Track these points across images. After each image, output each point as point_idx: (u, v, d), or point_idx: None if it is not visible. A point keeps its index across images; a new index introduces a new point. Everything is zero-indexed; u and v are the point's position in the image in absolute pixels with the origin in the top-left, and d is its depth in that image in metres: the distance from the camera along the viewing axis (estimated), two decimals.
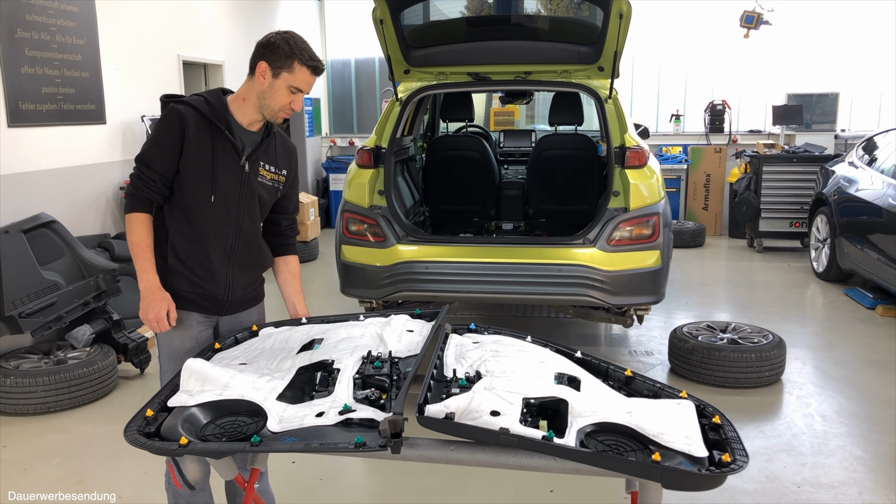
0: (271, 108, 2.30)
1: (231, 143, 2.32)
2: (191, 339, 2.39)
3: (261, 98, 2.29)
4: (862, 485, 3.30)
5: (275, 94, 2.27)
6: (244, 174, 2.35)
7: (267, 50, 2.25)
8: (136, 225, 2.30)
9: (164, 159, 2.28)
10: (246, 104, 2.33)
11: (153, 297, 2.27)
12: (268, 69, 2.25)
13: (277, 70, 2.25)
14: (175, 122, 2.27)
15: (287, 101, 2.30)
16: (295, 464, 3.48)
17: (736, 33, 9.30)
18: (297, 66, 2.25)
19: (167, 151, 2.28)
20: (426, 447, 1.76)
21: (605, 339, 5.47)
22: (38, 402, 4.08)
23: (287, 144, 2.54)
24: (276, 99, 2.28)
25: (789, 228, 8.18)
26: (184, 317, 2.37)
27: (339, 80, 11.10)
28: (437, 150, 6.02)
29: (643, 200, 4.23)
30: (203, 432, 1.85)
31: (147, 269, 2.30)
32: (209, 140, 2.30)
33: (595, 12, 4.57)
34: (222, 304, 2.44)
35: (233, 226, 2.37)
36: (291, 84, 2.27)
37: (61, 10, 5.22)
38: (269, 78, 2.26)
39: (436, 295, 4.37)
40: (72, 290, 4.54)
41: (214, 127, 2.30)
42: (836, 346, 5.16)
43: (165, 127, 2.29)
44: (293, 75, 2.26)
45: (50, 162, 5.17)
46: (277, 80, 2.26)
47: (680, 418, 1.79)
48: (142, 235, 2.30)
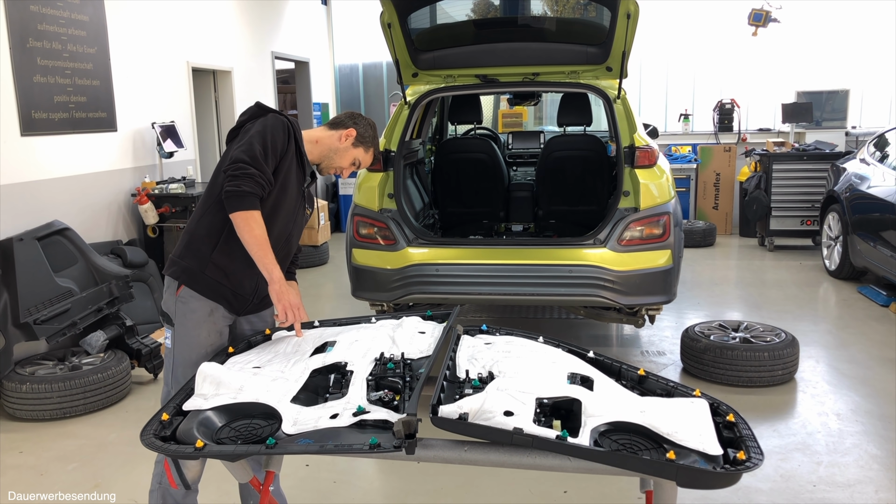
0: (333, 163, 2.66)
1: (304, 166, 2.55)
2: (216, 332, 2.45)
3: (332, 152, 2.62)
4: (878, 483, 3.27)
5: (344, 156, 2.64)
6: (304, 196, 2.60)
7: (358, 125, 2.64)
8: (257, 221, 2.32)
9: (270, 164, 2.39)
10: (317, 146, 2.62)
11: (290, 286, 2.44)
12: (353, 137, 2.62)
13: (358, 143, 2.64)
14: (289, 133, 2.46)
15: (347, 166, 2.68)
16: (309, 467, 3.49)
17: (744, 31, 9.26)
18: (370, 152, 2.69)
19: (275, 157, 2.41)
20: (440, 448, 1.76)
21: (616, 339, 5.46)
22: (54, 408, 4.11)
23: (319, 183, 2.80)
24: (342, 161, 2.65)
25: (800, 226, 8.13)
26: (213, 308, 2.42)
27: (347, 85, 11.13)
28: (446, 152, 6.03)
29: (653, 200, 4.22)
30: (218, 435, 1.86)
31: (275, 262, 2.36)
32: (296, 157, 2.50)
33: (602, 13, 4.57)
34: (246, 304, 2.51)
35: (284, 238, 2.53)
36: (358, 158, 2.67)
37: (72, 20, 5.27)
38: (348, 143, 2.62)
39: (446, 297, 4.38)
40: (85, 297, 4.58)
41: (299, 150, 2.52)
42: (850, 345, 5.13)
43: (281, 135, 2.43)
44: (364, 155, 2.68)
45: (62, 170, 5.21)
46: (352, 150, 2.63)
47: (694, 417, 1.79)
48: (263, 230, 2.35)
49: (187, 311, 2.40)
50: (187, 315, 2.40)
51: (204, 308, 2.40)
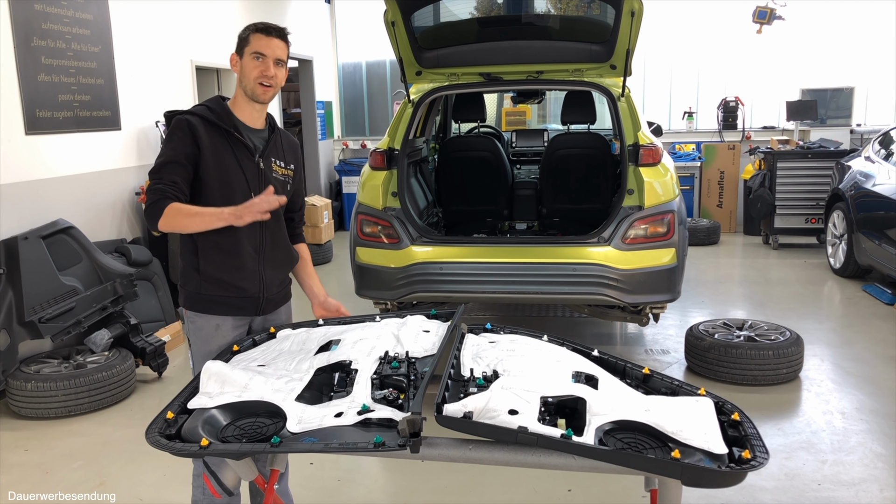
0: (250, 87, 2.38)
1: (244, 143, 2.39)
2: (227, 344, 2.42)
3: (241, 85, 2.40)
4: (883, 481, 3.27)
5: (246, 71, 2.37)
6: (261, 171, 2.43)
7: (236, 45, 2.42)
8: (176, 208, 2.24)
9: (178, 169, 2.29)
10: (239, 101, 2.43)
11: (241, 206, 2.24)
12: (235, 56, 2.41)
13: (240, 51, 2.39)
14: (186, 132, 2.32)
15: (256, 71, 2.36)
16: (313, 465, 3.49)
17: (748, 29, 9.24)
18: (252, 37, 2.37)
19: (182, 160, 2.30)
20: (445, 446, 1.76)
21: (620, 337, 5.46)
22: (59, 406, 4.12)
23: (290, 140, 2.63)
24: (248, 75, 2.37)
25: (805, 225, 8.11)
26: (219, 322, 2.42)
27: (351, 83, 11.13)
28: (450, 150, 6.03)
29: (658, 198, 4.21)
30: (223, 433, 1.86)
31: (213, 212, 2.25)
32: (222, 143, 2.36)
33: (606, 10, 4.56)
34: (259, 303, 2.49)
35: (259, 224, 2.37)
36: (252, 51, 2.36)
37: (76, 19, 5.28)
38: (238, 62, 2.40)
39: (451, 295, 4.38)
40: (90, 295, 4.59)
41: (224, 131, 2.37)
42: (855, 343, 5.11)
43: (178, 138, 2.33)
44: (250, 45, 2.36)
45: (67, 168, 5.22)
46: (243, 59, 2.38)
47: (699, 415, 1.79)
48: (188, 207, 2.26)
49: (195, 329, 2.46)
50: (196, 334, 2.46)
51: (209, 324, 2.42)
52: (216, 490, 2.30)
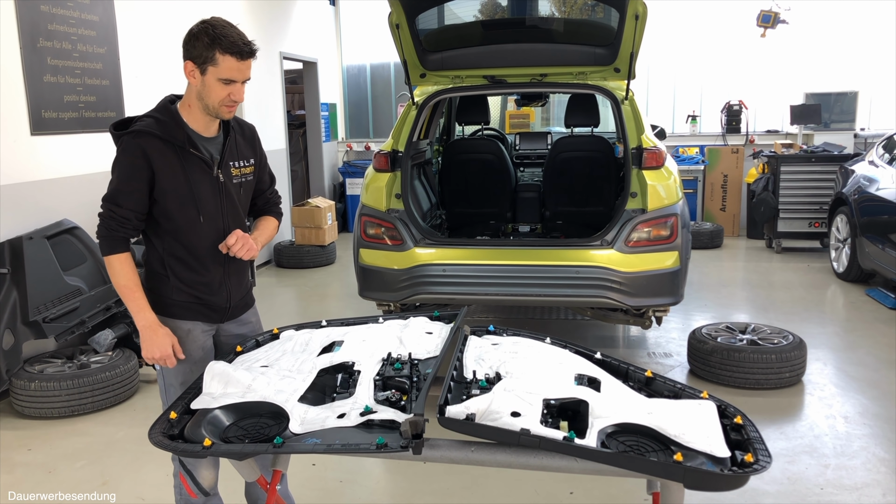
0: (213, 107, 2.20)
1: (199, 158, 2.25)
2: (198, 349, 2.42)
3: (199, 99, 2.20)
4: (886, 486, 3.26)
5: (209, 91, 2.16)
6: (220, 184, 2.31)
7: (189, 46, 2.14)
8: (119, 266, 2.23)
9: (133, 195, 2.19)
10: (193, 110, 2.25)
11: (155, 334, 2.25)
12: (194, 68, 2.15)
13: (202, 66, 2.13)
14: (138, 156, 2.17)
15: (223, 94, 2.17)
16: (315, 466, 3.50)
17: (752, 33, 9.23)
18: (220, 57, 2.12)
19: (136, 186, 2.19)
20: (447, 448, 1.76)
21: (623, 340, 5.45)
22: (62, 406, 4.13)
23: (245, 130, 2.46)
24: (212, 96, 2.17)
25: (808, 229, 8.10)
26: (190, 327, 2.40)
27: (355, 85, 11.16)
28: (454, 153, 6.04)
29: (661, 201, 4.22)
30: (226, 434, 1.87)
31: (141, 308, 2.25)
32: (178, 162, 2.22)
33: (610, 14, 4.56)
34: (225, 312, 2.47)
35: (223, 236, 2.33)
36: (220, 77, 2.13)
37: (82, 20, 5.29)
38: (198, 77, 2.16)
39: (453, 297, 4.38)
40: (94, 296, 4.61)
41: (177, 148, 2.22)
42: (858, 347, 5.10)
43: (129, 162, 2.18)
44: (218, 67, 2.12)
45: (72, 169, 5.24)
46: (206, 77, 2.14)
47: (701, 419, 1.79)
48: (128, 275, 2.23)
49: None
50: None
51: (180, 329, 2.37)
52: (192, 490, 2.30)
